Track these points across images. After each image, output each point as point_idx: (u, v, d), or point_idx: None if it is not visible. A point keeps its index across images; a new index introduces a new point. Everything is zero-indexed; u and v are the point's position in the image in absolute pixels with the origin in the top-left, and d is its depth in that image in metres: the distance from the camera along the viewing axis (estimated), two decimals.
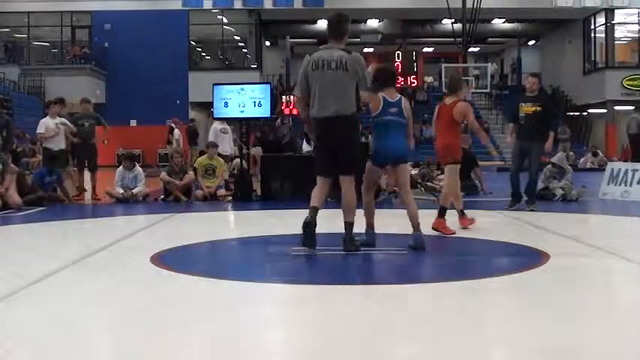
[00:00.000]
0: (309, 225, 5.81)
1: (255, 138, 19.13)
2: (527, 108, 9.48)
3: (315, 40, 38.55)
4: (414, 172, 15.05)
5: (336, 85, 5.90)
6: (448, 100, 7.72)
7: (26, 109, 24.99)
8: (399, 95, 6.45)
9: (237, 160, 19.38)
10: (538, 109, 9.46)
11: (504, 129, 32.66)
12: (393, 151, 6.30)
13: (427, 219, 9.16)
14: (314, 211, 5.92)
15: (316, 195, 6.06)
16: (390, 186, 10.92)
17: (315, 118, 6.05)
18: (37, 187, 11.17)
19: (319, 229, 5.96)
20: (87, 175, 12.73)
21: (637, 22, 31.56)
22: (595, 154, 26.04)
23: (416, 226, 6.25)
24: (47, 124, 12.02)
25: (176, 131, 22.49)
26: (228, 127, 14.39)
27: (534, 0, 29.89)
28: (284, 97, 25.24)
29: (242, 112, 11.93)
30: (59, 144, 12.03)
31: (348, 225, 6.00)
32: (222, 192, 12.21)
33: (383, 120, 6.31)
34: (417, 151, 12.48)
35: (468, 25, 27.14)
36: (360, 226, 6.23)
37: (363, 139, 11.93)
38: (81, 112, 12.68)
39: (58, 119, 12.17)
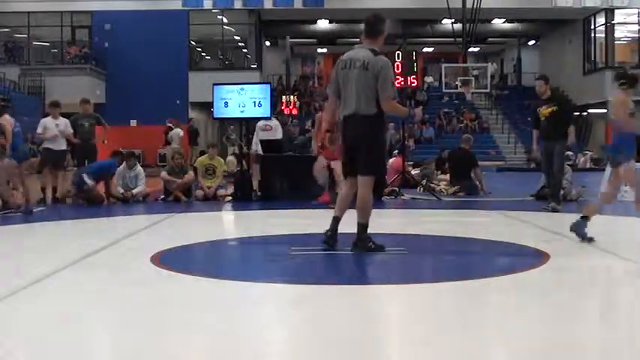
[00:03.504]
0: (328, 242, 5.92)
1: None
2: (544, 111, 9.75)
3: (315, 40, 38.62)
4: (415, 172, 15.05)
5: (359, 85, 5.86)
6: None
7: (26, 109, 24.95)
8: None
9: (230, 158, 19.21)
10: (554, 109, 9.67)
11: (504, 129, 32.71)
12: None
13: (427, 218, 9.22)
14: (335, 223, 5.98)
15: (339, 202, 6.13)
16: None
17: (342, 117, 6.08)
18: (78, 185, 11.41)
19: (319, 229, 6.00)
20: None
21: (637, 22, 31.54)
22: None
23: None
24: (46, 123, 12.05)
25: (176, 130, 22.44)
26: (273, 123, 13.97)
27: (534, 0, 29.88)
28: (284, 97, 25.25)
29: (242, 112, 11.94)
30: (60, 145, 12.06)
31: (359, 226, 5.95)
32: (222, 192, 12.21)
33: None
34: (417, 151, 12.52)
35: (468, 25, 27.14)
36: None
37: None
38: (81, 112, 12.68)
39: (61, 120, 12.17)
